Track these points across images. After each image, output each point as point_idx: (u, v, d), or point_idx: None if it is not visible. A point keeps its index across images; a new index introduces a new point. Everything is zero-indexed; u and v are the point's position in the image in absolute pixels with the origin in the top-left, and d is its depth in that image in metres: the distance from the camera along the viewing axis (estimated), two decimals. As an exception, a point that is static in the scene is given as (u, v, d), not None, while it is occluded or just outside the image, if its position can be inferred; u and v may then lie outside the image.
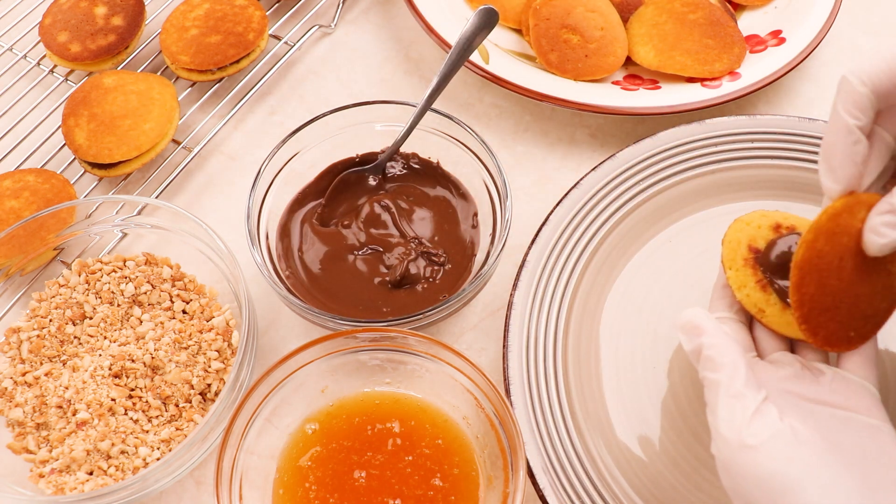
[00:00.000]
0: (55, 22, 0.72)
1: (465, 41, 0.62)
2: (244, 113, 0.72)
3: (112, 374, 0.54)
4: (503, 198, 0.57)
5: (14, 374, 0.55)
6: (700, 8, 0.70)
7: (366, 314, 0.56)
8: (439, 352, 0.51)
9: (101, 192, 0.67)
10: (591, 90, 0.67)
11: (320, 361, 0.52)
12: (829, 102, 0.70)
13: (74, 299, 0.58)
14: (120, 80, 0.67)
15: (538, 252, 0.57)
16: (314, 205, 0.61)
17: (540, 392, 0.53)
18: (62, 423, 0.53)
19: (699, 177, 0.61)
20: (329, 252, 0.59)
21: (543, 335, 0.55)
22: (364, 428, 0.51)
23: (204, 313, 0.58)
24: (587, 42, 0.69)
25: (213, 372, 0.55)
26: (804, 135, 0.61)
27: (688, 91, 0.66)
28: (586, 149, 0.68)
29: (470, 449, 0.51)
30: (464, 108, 0.71)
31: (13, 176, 0.64)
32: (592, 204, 0.59)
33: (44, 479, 0.52)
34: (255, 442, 0.50)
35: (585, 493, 0.50)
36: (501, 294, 0.61)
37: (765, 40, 0.70)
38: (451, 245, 0.59)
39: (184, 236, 0.59)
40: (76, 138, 0.65)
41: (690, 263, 0.58)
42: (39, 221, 0.59)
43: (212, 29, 0.70)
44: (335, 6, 0.77)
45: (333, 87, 0.73)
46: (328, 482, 0.49)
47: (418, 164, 0.63)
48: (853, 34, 0.75)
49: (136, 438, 0.52)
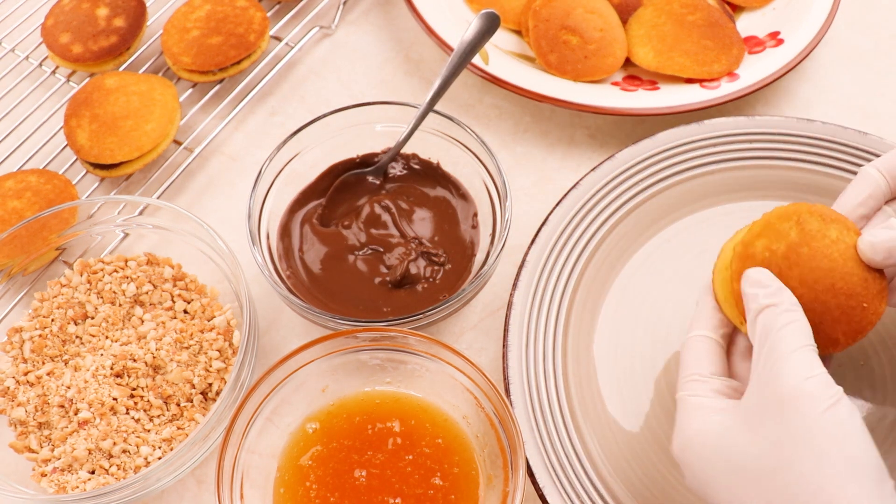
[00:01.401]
0: (57, 23, 0.72)
1: (467, 46, 0.62)
2: (245, 114, 0.72)
3: (114, 374, 0.54)
4: (503, 198, 0.57)
5: (16, 373, 0.55)
6: (699, 9, 0.70)
7: (366, 314, 0.56)
8: (439, 351, 0.51)
9: (103, 192, 0.67)
10: (591, 91, 0.67)
11: (321, 361, 0.52)
12: (826, 103, 0.71)
13: (76, 299, 0.58)
14: (122, 81, 0.68)
15: (538, 252, 0.58)
16: (315, 205, 0.62)
17: (539, 391, 0.53)
18: (64, 423, 0.53)
19: (698, 177, 0.61)
20: (329, 252, 0.59)
21: (543, 335, 0.55)
22: (364, 427, 0.52)
23: (205, 313, 0.58)
24: (586, 43, 0.69)
25: (215, 371, 0.55)
26: (802, 135, 0.61)
27: (687, 92, 0.67)
28: (586, 149, 0.69)
29: (470, 448, 0.51)
30: (464, 109, 0.71)
31: (15, 176, 0.64)
32: (592, 204, 0.60)
33: (46, 478, 0.52)
34: (256, 441, 0.50)
35: (585, 491, 0.50)
36: (501, 294, 0.61)
37: (763, 41, 0.70)
38: (451, 245, 0.59)
39: (185, 236, 0.59)
40: (78, 139, 0.65)
41: (690, 263, 0.59)
42: (41, 222, 0.59)
43: (213, 30, 0.71)
44: (336, 7, 0.78)
45: (334, 87, 0.74)
46: (329, 481, 0.50)
47: (418, 164, 0.63)
48: (851, 35, 0.75)
49: (138, 437, 0.53)
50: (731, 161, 0.61)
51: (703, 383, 0.42)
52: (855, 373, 0.54)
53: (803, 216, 0.43)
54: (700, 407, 0.41)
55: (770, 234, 0.43)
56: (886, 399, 0.53)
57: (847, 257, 0.42)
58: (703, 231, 0.60)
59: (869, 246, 0.41)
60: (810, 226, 0.43)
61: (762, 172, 0.61)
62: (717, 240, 0.58)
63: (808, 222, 0.43)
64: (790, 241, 0.43)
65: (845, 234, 0.43)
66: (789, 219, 0.44)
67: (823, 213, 0.43)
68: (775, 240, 0.43)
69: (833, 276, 0.42)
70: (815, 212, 0.43)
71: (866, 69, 0.73)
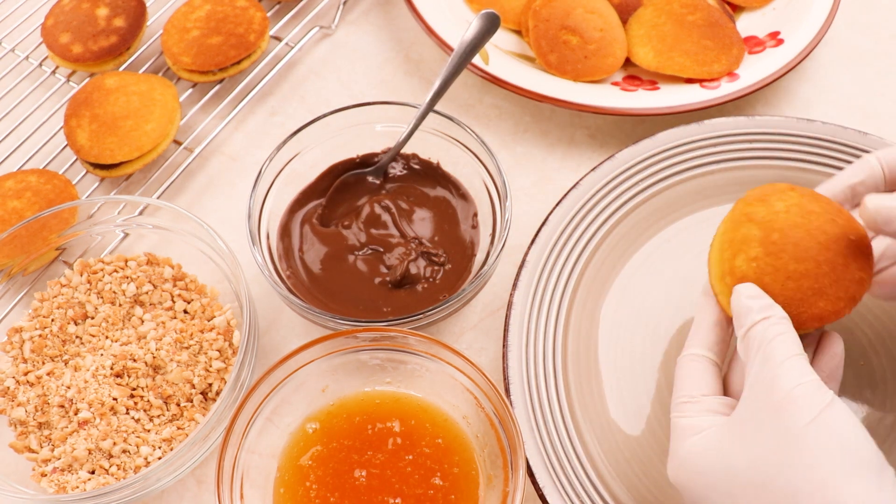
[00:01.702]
0: (57, 23, 0.72)
1: (467, 46, 0.62)
2: (245, 114, 0.72)
3: (114, 374, 0.54)
4: (503, 198, 0.57)
5: (16, 373, 0.55)
6: (699, 9, 0.70)
7: (366, 314, 0.56)
8: (439, 351, 0.51)
9: (103, 192, 0.67)
10: (591, 91, 0.67)
11: (321, 361, 0.52)
12: (826, 103, 0.71)
13: (76, 299, 0.58)
14: (122, 81, 0.68)
15: (538, 252, 0.58)
16: (315, 205, 0.62)
17: (539, 391, 0.53)
18: (64, 423, 0.53)
19: (698, 177, 0.61)
20: (329, 252, 0.59)
21: (543, 335, 0.55)
22: (364, 427, 0.52)
23: (205, 313, 0.58)
24: (586, 43, 0.69)
25: (215, 371, 0.55)
26: (802, 135, 0.61)
27: (687, 92, 0.67)
28: (586, 149, 0.69)
29: (470, 448, 0.51)
30: (464, 109, 0.71)
31: (15, 176, 0.64)
32: (592, 204, 0.60)
33: (46, 478, 0.52)
34: (256, 441, 0.50)
35: (585, 491, 0.50)
36: (501, 294, 0.61)
37: (763, 41, 0.70)
38: (451, 245, 0.59)
39: (185, 236, 0.59)
40: (78, 139, 0.65)
41: (689, 264, 0.59)
42: (41, 222, 0.59)
43: (213, 30, 0.71)
44: (336, 7, 0.78)
45: (334, 87, 0.74)
46: (329, 481, 0.50)
47: (418, 164, 0.63)
48: (851, 35, 0.75)
49: (138, 437, 0.53)
50: (731, 161, 0.61)
51: (694, 404, 0.42)
52: (855, 373, 0.54)
53: (750, 210, 0.44)
54: (690, 427, 0.42)
55: (740, 247, 0.44)
56: (886, 399, 0.53)
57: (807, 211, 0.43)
58: (703, 231, 0.60)
59: (874, 207, 0.41)
60: (760, 213, 0.44)
61: (762, 172, 0.61)
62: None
63: (756, 212, 0.44)
64: (760, 239, 0.43)
65: (789, 195, 0.44)
66: (740, 222, 0.44)
67: (759, 196, 0.44)
68: (747, 249, 0.43)
69: (816, 234, 0.42)
70: (751, 200, 0.44)
71: (866, 69, 0.73)
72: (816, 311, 0.42)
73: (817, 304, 0.42)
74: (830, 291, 0.42)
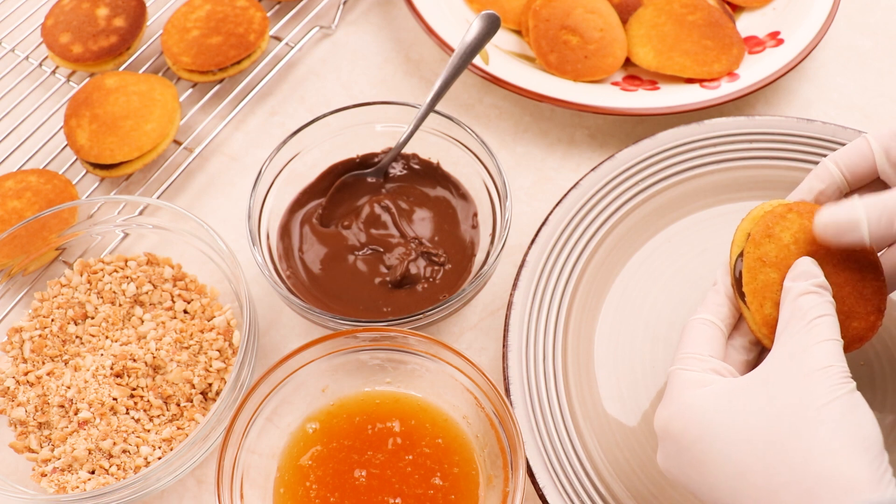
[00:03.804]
0: (57, 23, 0.72)
1: (468, 47, 0.62)
2: (245, 114, 0.72)
3: (114, 374, 0.54)
4: (503, 198, 0.57)
5: (16, 373, 0.55)
6: (699, 9, 0.70)
7: (366, 314, 0.56)
8: (439, 351, 0.51)
9: (103, 192, 0.67)
10: (591, 91, 0.67)
11: (321, 361, 0.52)
12: (827, 103, 0.71)
13: (76, 299, 0.58)
14: (121, 81, 0.68)
15: (538, 252, 0.58)
16: (315, 205, 0.62)
17: (539, 391, 0.53)
18: (64, 423, 0.53)
19: (698, 177, 0.61)
20: (329, 252, 0.59)
21: (543, 335, 0.55)
22: (364, 427, 0.52)
23: (205, 313, 0.58)
24: (586, 43, 0.69)
25: (215, 371, 0.55)
26: (802, 135, 0.61)
27: (687, 92, 0.67)
28: (586, 149, 0.69)
29: (470, 448, 0.51)
30: (464, 109, 0.71)
31: (15, 176, 0.64)
32: (592, 204, 0.60)
33: (46, 478, 0.52)
34: (255, 441, 0.50)
35: (585, 491, 0.50)
36: (501, 294, 0.61)
37: (763, 41, 0.70)
38: (451, 245, 0.59)
39: (185, 236, 0.59)
40: (78, 139, 0.65)
41: (690, 263, 0.59)
42: (41, 222, 0.59)
43: (213, 30, 0.71)
44: (336, 7, 0.78)
45: (334, 87, 0.74)
46: (329, 481, 0.50)
47: (418, 164, 0.63)
48: (851, 35, 0.75)
49: (138, 437, 0.53)
50: (731, 161, 0.61)
51: (700, 361, 0.43)
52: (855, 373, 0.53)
53: (762, 253, 0.44)
54: (695, 380, 0.42)
55: (765, 295, 0.44)
56: (886, 399, 0.53)
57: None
58: (703, 231, 0.60)
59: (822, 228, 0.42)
60: (772, 254, 0.44)
61: (762, 172, 0.61)
62: (717, 240, 0.59)
63: (768, 254, 0.44)
64: (780, 282, 0.43)
65: (791, 221, 0.44)
66: (756, 269, 0.44)
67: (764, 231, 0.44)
68: (772, 294, 0.44)
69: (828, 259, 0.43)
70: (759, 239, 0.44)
71: (866, 69, 0.73)
72: (854, 333, 0.43)
73: (852, 326, 0.43)
74: (859, 309, 0.43)
